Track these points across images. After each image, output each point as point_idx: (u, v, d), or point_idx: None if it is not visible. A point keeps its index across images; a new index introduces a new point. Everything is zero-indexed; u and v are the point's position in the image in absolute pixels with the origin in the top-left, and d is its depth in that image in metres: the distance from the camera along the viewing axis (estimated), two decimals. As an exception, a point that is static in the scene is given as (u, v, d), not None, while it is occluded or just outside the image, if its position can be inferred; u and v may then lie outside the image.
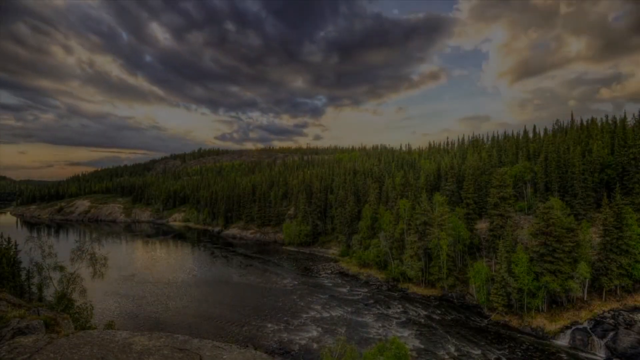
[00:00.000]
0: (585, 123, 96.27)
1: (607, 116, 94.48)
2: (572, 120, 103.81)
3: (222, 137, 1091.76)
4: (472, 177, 75.41)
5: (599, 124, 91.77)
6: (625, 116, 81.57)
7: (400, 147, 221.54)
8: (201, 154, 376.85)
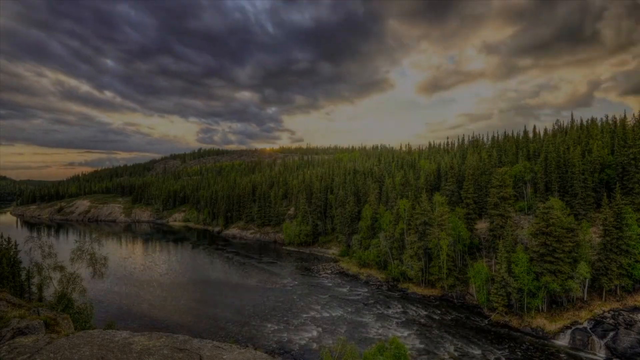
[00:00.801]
0: (585, 123, 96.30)
1: (607, 116, 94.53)
2: (572, 120, 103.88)
3: (203, 141, 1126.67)
4: (472, 177, 75.38)
5: (599, 124, 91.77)
6: (625, 116, 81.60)
7: (401, 147, 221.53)
8: (201, 154, 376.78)
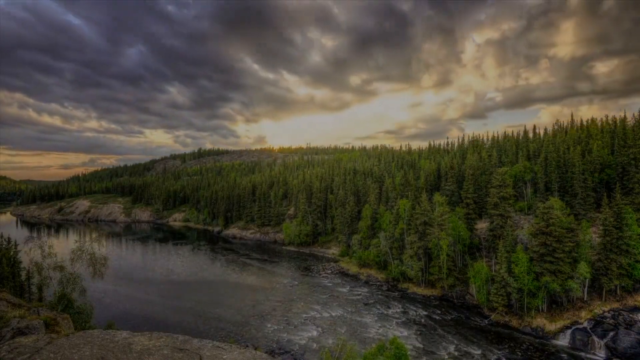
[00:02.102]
0: (585, 123, 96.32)
1: (607, 116, 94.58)
2: (572, 120, 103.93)
3: (179, 143, 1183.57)
4: (472, 177, 75.37)
5: (599, 124, 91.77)
6: (625, 116, 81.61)
7: (401, 147, 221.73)
8: (201, 154, 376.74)
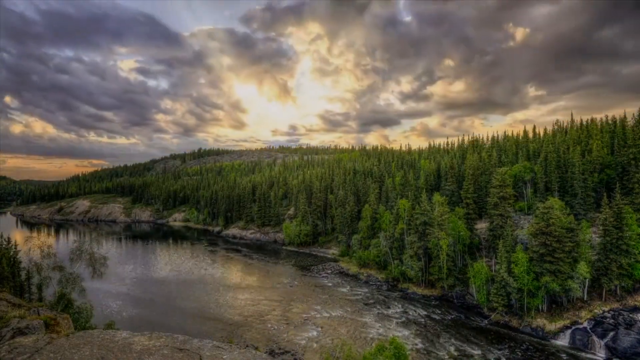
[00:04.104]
0: (585, 123, 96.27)
1: (606, 116, 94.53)
2: (572, 120, 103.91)
3: (155, 146, 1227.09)
4: (472, 177, 75.34)
5: (599, 124, 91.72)
6: (625, 116, 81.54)
7: (400, 147, 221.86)
8: (201, 154, 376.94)
